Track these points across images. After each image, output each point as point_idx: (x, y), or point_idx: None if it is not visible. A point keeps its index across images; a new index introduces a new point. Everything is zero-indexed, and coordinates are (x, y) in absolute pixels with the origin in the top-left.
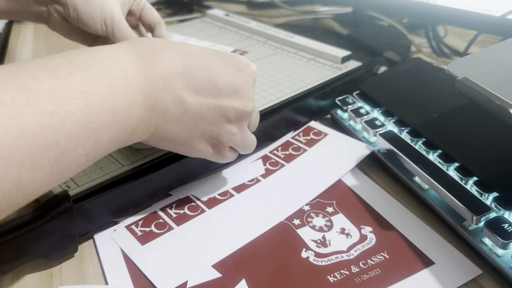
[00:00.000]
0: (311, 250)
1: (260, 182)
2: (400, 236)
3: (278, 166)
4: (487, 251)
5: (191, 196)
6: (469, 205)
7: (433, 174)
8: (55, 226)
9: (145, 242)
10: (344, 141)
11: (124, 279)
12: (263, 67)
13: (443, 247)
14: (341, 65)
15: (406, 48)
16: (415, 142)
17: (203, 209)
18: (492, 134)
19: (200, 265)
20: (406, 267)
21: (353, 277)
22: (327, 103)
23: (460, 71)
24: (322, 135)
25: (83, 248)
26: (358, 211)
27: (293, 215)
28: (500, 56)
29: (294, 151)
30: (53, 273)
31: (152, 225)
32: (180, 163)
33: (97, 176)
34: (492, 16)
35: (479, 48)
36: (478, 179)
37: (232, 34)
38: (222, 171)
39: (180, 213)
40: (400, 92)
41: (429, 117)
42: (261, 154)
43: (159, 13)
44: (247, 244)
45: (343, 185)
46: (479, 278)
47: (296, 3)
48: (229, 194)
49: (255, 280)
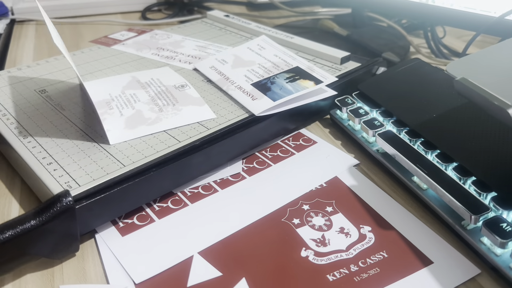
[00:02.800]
0: (311, 249)
1: (245, 179)
2: (399, 235)
3: (264, 166)
4: (485, 251)
5: (175, 190)
6: (467, 204)
7: (432, 174)
8: (57, 225)
9: (125, 234)
10: (332, 151)
11: (125, 279)
12: None
13: (442, 246)
14: (340, 65)
15: (405, 48)
16: (414, 142)
17: (186, 203)
18: (491, 134)
19: (180, 254)
20: (405, 266)
21: (352, 276)
22: (326, 104)
23: (459, 71)
24: (311, 142)
25: (84, 247)
26: (357, 210)
27: (292, 214)
28: (498, 56)
29: (282, 153)
30: (54, 272)
31: (135, 217)
32: (180, 163)
33: (98, 176)
34: (491, 17)
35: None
36: (477, 179)
37: (232, 35)
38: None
39: (163, 207)
40: (399, 92)
41: (428, 118)
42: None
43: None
44: (240, 239)
45: (342, 184)
46: (478, 277)
47: (295, 4)
48: (213, 189)
49: (255, 278)
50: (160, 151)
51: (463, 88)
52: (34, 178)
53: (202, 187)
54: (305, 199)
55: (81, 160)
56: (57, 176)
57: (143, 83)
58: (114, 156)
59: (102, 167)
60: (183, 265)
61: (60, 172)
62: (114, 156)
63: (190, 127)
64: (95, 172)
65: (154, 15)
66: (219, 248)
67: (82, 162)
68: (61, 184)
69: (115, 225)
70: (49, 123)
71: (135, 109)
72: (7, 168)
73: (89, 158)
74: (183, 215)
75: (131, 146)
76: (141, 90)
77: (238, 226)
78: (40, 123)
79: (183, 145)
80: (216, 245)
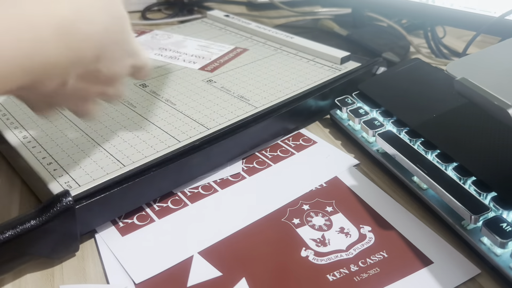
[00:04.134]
0: (311, 249)
1: (245, 179)
2: (399, 235)
3: (264, 166)
4: (485, 251)
5: (175, 190)
6: (467, 204)
7: (432, 174)
8: (57, 225)
9: (125, 233)
10: (332, 151)
11: (125, 279)
12: (263, 68)
13: (442, 246)
14: (340, 65)
15: (405, 48)
16: (414, 142)
17: (186, 203)
18: (491, 134)
19: (180, 254)
20: (405, 266)
21: (352, 276)
22: (326, 104)
23: (459, 71)
24: (311, 142)
25: (84, 247)
26: (357, 210)
27: (292, 214)
28: (498, 56)
29: (282, 153)
30: (54, 272)
31: (135, 217)
32: (180, 163)
33: (98, 176)
34: (491, 17)
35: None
36: (477, 179)
37: (232, 35)
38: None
39: (163, 206)
40: (399, 92)
41: (428, 117)
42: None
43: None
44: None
45: (342, 184)
46: (478, 277)
47: (295, 4)
48: (213, 189)
49: (255, 278)
50: (160, 151)
51: (463, 88)
52: (34, 178)
53: (202, 187)
54: (305, 199)
55: (81, 160)
56: (57, 176)
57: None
58: (114, 156)
59: (102, 167)
60: (183, 265)
61: (60, 172)
62: (114, 156)
63: (190, 127)
64: (95, 172)
65: (154, 15)
66: (219, 248)
67: (82, 162)
68: (61, 184)
69: (115, 225)
70: (49, 123)
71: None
72: (7, 168)
73: (89, 158)
74: (183, 215)
75: (131, 146)
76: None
77: (238, 226)
78: (40, 123)
79: (183, 145)
80: (216, 245)
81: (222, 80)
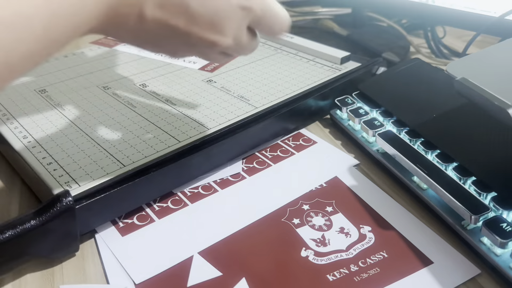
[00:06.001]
0: (311, 249)
1: (245, 179)
2: (399, 235)
3: (264, 166)
4: (485, 251)
5: (175, 190)
6: (467, 204)
7: (432, 174)
8: (57, 225)
9: (125, 234)
10: (332, 151)
11: (125, 279)
12: (263, 68)
13: (442, 246)
14: (340, 65)
15: (405, 48)
16: (414, 142)
17: (186, 203)
18: (491, 134)
19: (180, 254)
20: (405, 266)
21: (352, 276)
22: (326, 104)
23: (459, 71)
24: (311, 142)
25: (84, 247)
26: (357, 210)
27: (292, 214)
28: (498, 56)
29: (282, 153)
30: (54, 272)
31: (135, 217)
32: (180, 163)
33: (98, 176)
34: (491, 17)
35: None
36: (477, 179)
37: None
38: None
39: (163, 207)
40: (399, 92)
41: (428, 118)
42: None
43: None
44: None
45: (342, 184)
46: (478, 277)
47: (295, 4)
48: (213, 189)
49: (255, 278)
50: (160, 151)
51: (463, 88)
52: (34, 178)
53: (202, 187)
54: (305, 199)
55: (81, 160)
56: (57, 176)
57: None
58: (114, 156)
59: (102, 167)
60: (183, 265)
61: (60, 172)
62: (114, 156)
63: (190, 127)
64: (95, 172)
65: None
66: (219, 248)
67: (82, 162)
68: (61, 184)
69: (115, 225)
70: (49, 123)
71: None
72: (7, 168)
73: (89, 158)
74: (183, 215)
75: (131, 146)
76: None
77: (238, 226)
78: (40, 123)
79: (183, 145)
80: (216, 245)
81: (222, 80)
